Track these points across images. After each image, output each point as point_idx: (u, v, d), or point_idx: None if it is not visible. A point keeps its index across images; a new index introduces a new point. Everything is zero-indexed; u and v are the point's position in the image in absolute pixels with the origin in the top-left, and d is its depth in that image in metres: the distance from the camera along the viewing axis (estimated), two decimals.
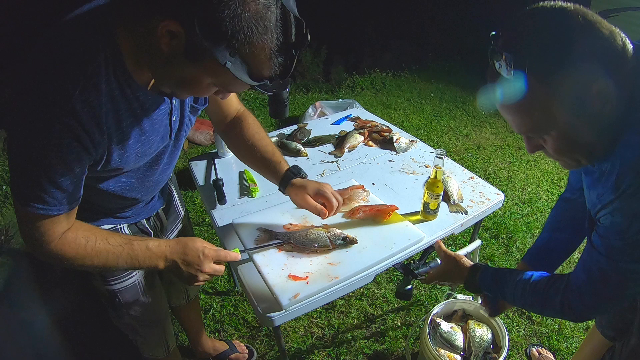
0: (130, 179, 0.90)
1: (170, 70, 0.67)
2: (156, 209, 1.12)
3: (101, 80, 0.67)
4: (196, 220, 2.49)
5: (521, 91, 0.67)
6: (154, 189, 1.03)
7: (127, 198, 0.95)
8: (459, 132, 3.67)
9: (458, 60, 5.35)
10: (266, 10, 0.61)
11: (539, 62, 0.65)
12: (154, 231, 1.12)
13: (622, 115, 0.68)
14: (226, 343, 1.74)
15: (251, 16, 0.59)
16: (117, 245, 0.84)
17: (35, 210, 0.72)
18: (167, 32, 0.60)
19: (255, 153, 1.12)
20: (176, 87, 0.73)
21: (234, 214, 1.25)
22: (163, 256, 0.87)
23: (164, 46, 0.62)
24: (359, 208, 1.21)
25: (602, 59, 0.65)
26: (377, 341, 1.80)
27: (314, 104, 3.34)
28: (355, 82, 4.54)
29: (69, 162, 0.70)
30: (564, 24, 0.65)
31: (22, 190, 0.72)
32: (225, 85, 0.71)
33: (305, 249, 1.08)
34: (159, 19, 0.60)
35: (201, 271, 0.89)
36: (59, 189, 0.72)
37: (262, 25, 0.61)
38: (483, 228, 2.49)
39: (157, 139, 0.86)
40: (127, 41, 0.67)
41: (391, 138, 1.65)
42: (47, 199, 0.72)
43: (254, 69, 0.65)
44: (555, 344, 1.81)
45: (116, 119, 0.73)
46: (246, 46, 0.61)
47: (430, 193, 1.17)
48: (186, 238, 0.91)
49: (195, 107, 0.94)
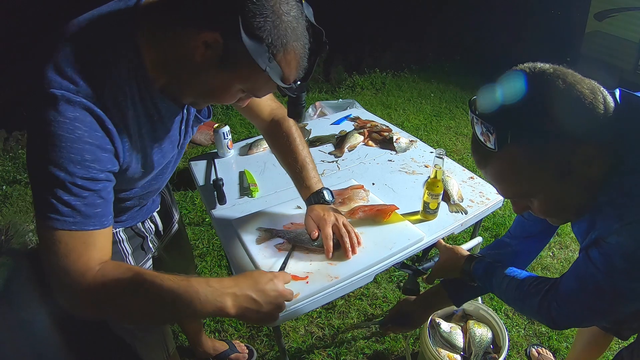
0: (136, 188, 0.90)
1: (198, 79, 0.70)
2: (151, 212, 1.11)
3: (125, 84, 0.68)
4: (196, 220, 2.49)
5: (505, 161, 0.68)
6: (153, 195, 1.04)
7: (127, 204, 0.95)
8: (459, 132, 3.67)
9: (458, 60, 5.36)
10: (296, 21, 0.67)
11: (520, 132, 0.64)
12: (150, 234, 1.11)
13: (608, 172, 0.67)
14: (226, 343, 1.74)
15: (287, 26, 0.65)
16: (171, 280, 0.70)
17: (66, 225, 0.63)
18: (203, 43, 0.64)
19: (284, 165, 1.16)
20: (201, 95, 0.75)
21: (234, 214, 1.25)
22: (231, 293, 0.74)
23: (198, 56, 0.65)
24: (358, 208, 1.21)
25: (585, 123, 0.64)
26: (377, 341, 1.80)
27: (314, 104, 3.33)
28: (355, 82, 4.55)
29: (98, 159, 0.66)
30: (544, 91, 0.64)
31: (49, 201, 0.63)
32: (254, 90, 0.75)
33: (305, 247, 1.08)
34: (195, 31, 0.63)
35: (281, 293, 0.80)
36: (92, 192, 0.65)
37: (295, 34, 0.67)
38: (483, 228, 2.49)
39: (169, 148, 0.86)
40: (149, 49, 0.68)
41: (391, 138, 1.65)
42: (80, 207, 0.64)
43: (286, 73, 0.70)
44: (555, 344, 1.81)
45: (137, 124, 0.73)
46: (282, 52, 0.67)
47: (430, 193, 1.17)
48: (247, 272, 0.83)
49: (199, 117, 0.95)
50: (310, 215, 1.09)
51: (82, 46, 0.65)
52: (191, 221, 2.47)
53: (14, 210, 2.54)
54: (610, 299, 0.72)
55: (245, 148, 1.66)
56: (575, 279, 0.78)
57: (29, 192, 2.68)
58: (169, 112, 0.79)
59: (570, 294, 0.78)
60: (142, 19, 0.68)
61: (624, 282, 0.69)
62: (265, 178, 1.46)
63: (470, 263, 1.04)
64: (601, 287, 0.72)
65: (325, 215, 1.06)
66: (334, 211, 1.09)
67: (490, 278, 0.98)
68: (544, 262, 2.27)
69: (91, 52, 0.65)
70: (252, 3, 0.62)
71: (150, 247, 1.10)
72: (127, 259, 1.03)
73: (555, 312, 0.81)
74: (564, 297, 0.79)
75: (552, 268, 2.23)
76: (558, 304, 0.80)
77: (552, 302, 0.81)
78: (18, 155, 3.05)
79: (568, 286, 0.79)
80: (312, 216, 1.08)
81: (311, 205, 1.10)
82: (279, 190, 1.38)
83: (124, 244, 1.01)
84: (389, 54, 5.04)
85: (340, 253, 1.07)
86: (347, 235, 1.05)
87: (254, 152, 1.63)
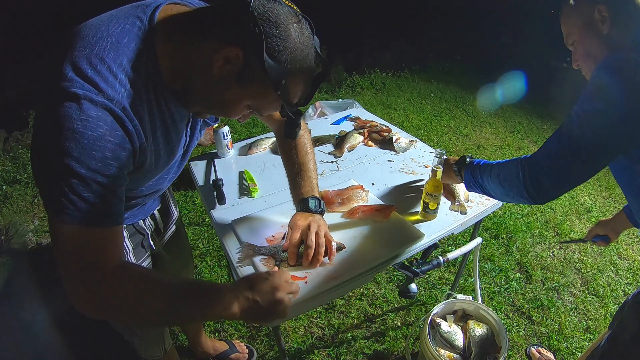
0: (142, 187, 0.92)
1: (212, 90, 0.73)
2: (152, 210, 1.12)
3: (143, 89, 0.70)
4: (196, 220, 2.49)
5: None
6: (157, 195, 1.06)
7: (131, 203, 0.96)
8: (459, 132, 3.67)
9: (458, 60, 5.36)
10: (308, 50, 0.73)
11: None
12: (150, 232, 1.12)
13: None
14: (226, 343, 1.74)
15: (301, 53, 0.72)
16: (180, 282, 0.74)
17: (84, 221, 0.63)
18: (224, 57, 0.68)
19: (285, 169, 1.18)
20: (208, 106, 0.78)
21: (234, 214, 1.25)
22: (233, 296, 0.76)
23: (217, 69, 0.69)
24: (358, 208, 1.21)
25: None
26: (377, 341, 1.80)
27: (314, 104, 3.34)
28: (355, 82, 4.55)
29: (118, 158, 0.66)
30: None
31: (69, 196, 0.62)
32: (260, 107, 0.79)
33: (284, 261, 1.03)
34: (216, 44, 0.68)
35: (277, 288, 0.80)
36: (110, 191, 0.66)
37: (306, 62, 0.73)
38: (483, 228, 2.50)
39: (177, 150, 0.89)
40: (167, 57, 0.71)
41: (391, 138, 1.65)
42: (98, 205, 0.64)
43: (293, 96, 0.76)
44: (555, 344, 1.81)
45: (153, 128, 0.76)
46: (293, 76, 0.72)
47: (430, 193, 1.17)
48: (245, 275, 0.85)
49: (207, 122, 0.98)
50: (289, 223, 1.06)
51: (103, 50, 0.66)
52: (191, 221, 2.47)
53: (14, 210, 2.54)
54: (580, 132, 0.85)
55: (245, 148, 1.66)
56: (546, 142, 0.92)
57: (29, 192, 2.68)
58: (180, 116, 0.82)
59: (548, 142, 0.91)
60: (162, 29, 0.70)
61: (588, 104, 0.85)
62: (265, 178, 1.46)
63: (464, 159, 1.16)
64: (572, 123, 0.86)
65: (300, 222, 1.02)
66: (319, 221, 1.05)
67: (482, 172, 1.07)
68: (544, 262, 2.27)
69: (112, 57, 0.66)
70: (275, 28, 0.67)
71: (150, 245, 1.12)
72: (127, 256, 1.04)
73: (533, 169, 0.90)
74: (544, 148, 0.91)
75: (552, 268, 2.24)
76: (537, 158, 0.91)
77: (525, 165, 0.91)
78: (18, 155, 3.04)
79: (546, 142, 0.92)
80: (289, 224, 1.06)
81: (296, 212, 1.09)
82: (279, 190, 1.38)
83: (125, 241, 1.02)
84: (389, 54, 5.04)
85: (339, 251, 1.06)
86: (316, 245, 0.99)
87: (253, 152, 1.63)
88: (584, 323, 1.92)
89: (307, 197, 1.09)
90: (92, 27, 0.68)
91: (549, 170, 0.88)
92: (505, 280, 2.14)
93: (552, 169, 0.88)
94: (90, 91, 0.63)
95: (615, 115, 0.81)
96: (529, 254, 2.33)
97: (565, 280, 2.16)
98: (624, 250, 2.38)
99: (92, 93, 0.63)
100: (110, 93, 0.65)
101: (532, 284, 2.14)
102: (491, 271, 2.19)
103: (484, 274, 2.17)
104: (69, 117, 0.61)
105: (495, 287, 2.09)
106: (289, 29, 0.69)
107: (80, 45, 0.65)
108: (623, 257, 2.34)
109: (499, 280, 2.13)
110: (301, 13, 0.74)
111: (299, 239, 1.01)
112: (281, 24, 0.68)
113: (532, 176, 0.89)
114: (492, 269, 2.20)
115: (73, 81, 0.62)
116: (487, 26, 5.22)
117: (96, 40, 0.66)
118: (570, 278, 2.18)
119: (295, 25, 0.70)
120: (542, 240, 2.45)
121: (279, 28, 0.67)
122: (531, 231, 2.50)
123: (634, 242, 2.45)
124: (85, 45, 0.65)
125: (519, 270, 2.23)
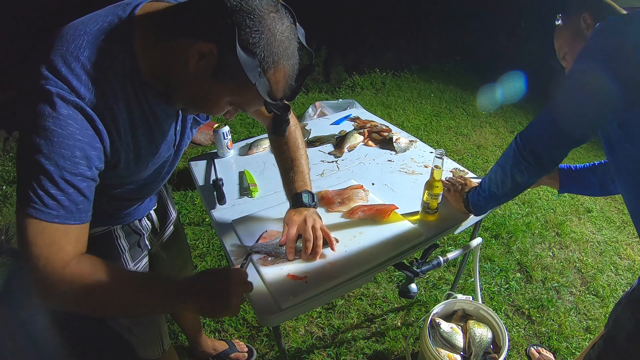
0: (131, 186, 0.91)
1: (190, 87, 0.71)
2: (148, 210, 1.12)
3: (119, 87, 0.69)
4: (196, 220, 2.49)
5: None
6: (150, 194, 1.06)
7: (124, 203, 0.96)
8: (459, 132, 3.67)
9: (458, 60, 5.36)
10: (289, 41, 0.70)
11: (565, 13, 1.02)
12: (146, 232, 1.12)
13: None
14: (226, 342, 1.74)
15: (280, 44, 0.68)
16: (139, 274, 0.79)
17: (49, 217, 0.64)
18: (198, 53, 0.66)
19: (277, 165, 1.18)
20: (190, 103, 0.76)
21: (234, 214, 1.25)
22: (187, 291, 0.78)
23: (192, 65, 0.67)
24: (358, 208, 1.21)
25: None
26: (377, 341, 1.80)
27: (314, 104, 3.34)
28: (355, 82, 4.55)
29: (87, 157, 0.67)
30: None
31: (37, 192, 0.64)
32: (242, 104, 0.77)
33: (282, 258, 1.04)
34: (190, 40, 0.66)
35: (231, 284, 0.79)
36: (76, 189, 0.67)
37: (286, 53, 0.70)
38: (483, 228, 2.50)
39: (165, 149, 0.88)
40: (145, 54, 0.70)
41: (391, 138, 1.65)
42: (64, 202, 0.66)
43: (274, 90, 0.72)
44: (555, 344, 1.81)
45: (132, 127, 0.75)
46: (272, 69, 0.69)
47: (430, 193, 1.17)
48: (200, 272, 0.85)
49: (197, 120, 0.97)
50: (284, 219, 1.07)
51: (78, 48, 0.66)
52: (191, 221, 2.47)
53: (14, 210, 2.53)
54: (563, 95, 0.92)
55: (245, 148, 1.66)
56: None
57: None
58: (164, 114, 0.81)
59: (532, 121, 0.97)
60: (140, 26, 0.69)
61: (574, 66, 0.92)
62: (265, 178, 1.46)
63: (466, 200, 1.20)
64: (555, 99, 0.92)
65: (295, 217, 1.04)
66: (314, 214, 1.06)
67: (482, 186, 1.12)
68: (544, 262, 2.27)
69: (87, 55, 0.66)
70: (249, 19, 0.64)
71: (146, 244, 1.12)
72: (123, 256, 1.04)
73: (523, 138, 0.95)
74: (528, 125, 0.97)
75: (552, 268, 2.24)
76: (523, 131, 0.96)
77: (517, 136, 0.96)
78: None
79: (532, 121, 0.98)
80: (284, 219, 1.06)
81: (290, 208, 1.09)
82: (279, 190, 1.38)
83: (120, 240, 1.02)
84: (389, 54, 5.04)
85: (339, 251, 1.06)
86: (314, 239, 1.00)
87: (253, 152, 1.63)
88: (584, 323, 1.92)
89: (300, 191, 1.09)
90: (72, 26, 0.69)
91: (539, 130, 0.95)
92: (505, 280, 2.14)
93: (541, 130, 0.94)
94: (62, 89, 0.64)
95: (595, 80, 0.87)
96: (529, 254, 2.33)
97: (565, 280, 2.16)
98: (624, 250, 2.38)
99: (64, 91, 0.64)
100: (82, 92, 0.65)
101: (532, 284, 2.14)
102: (491, 271, 2.19)
103: (484, 274, 2.17)
104: (41, 114, 0.63)
105: (495, 287, 2.09)
106: (265, 19, 0.65)
107: (58, 43, 0.66)
108: (623, 257, 2.34)
109: (499, 280, 2.13)
110: (281, 2, 0.70)
111: (295, 233, 1.02)
112: (256, 14, 0.64)
113: (524, 138, 0.95)
114: (492, 269, 2.20)
115: (48, 79, 0.64)
116: (487, 26, 5.22)
117: (73, 39, 0.67)
118: (570, 278, 2.18)
119: (273, 14, 0.67)
120: (542, 240, 2.45)
121: (254, 19, 0.64)
122: (531, 231, 2.50)
123: (634, 242, 2.45)
124: (62, 44, 0.66)
125: (519, 270, 2.23)
